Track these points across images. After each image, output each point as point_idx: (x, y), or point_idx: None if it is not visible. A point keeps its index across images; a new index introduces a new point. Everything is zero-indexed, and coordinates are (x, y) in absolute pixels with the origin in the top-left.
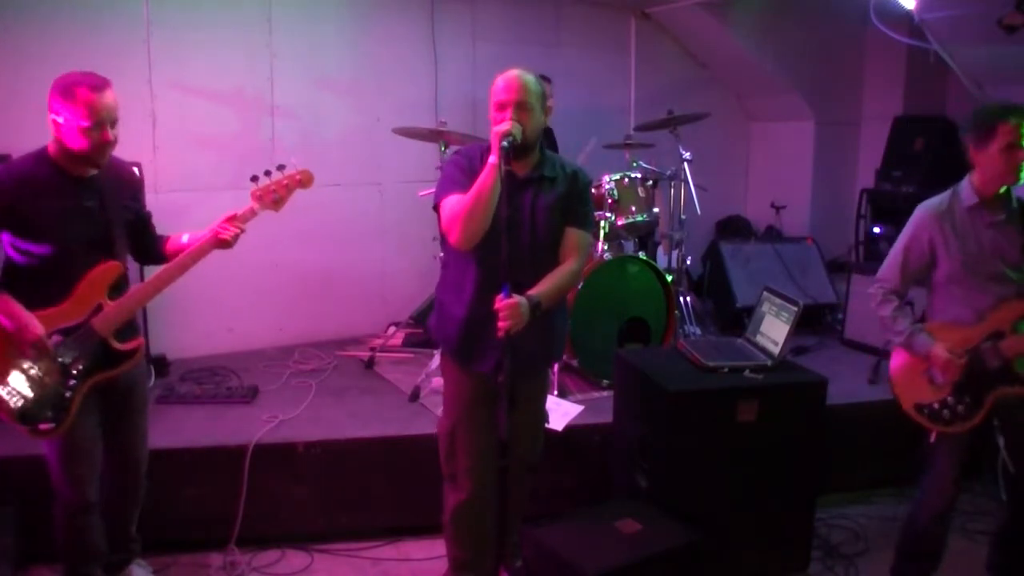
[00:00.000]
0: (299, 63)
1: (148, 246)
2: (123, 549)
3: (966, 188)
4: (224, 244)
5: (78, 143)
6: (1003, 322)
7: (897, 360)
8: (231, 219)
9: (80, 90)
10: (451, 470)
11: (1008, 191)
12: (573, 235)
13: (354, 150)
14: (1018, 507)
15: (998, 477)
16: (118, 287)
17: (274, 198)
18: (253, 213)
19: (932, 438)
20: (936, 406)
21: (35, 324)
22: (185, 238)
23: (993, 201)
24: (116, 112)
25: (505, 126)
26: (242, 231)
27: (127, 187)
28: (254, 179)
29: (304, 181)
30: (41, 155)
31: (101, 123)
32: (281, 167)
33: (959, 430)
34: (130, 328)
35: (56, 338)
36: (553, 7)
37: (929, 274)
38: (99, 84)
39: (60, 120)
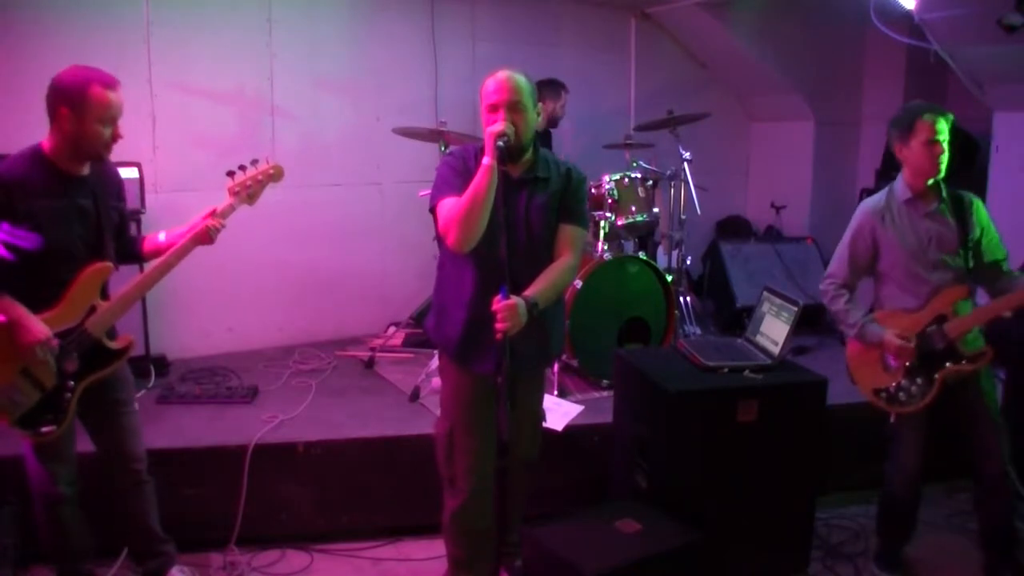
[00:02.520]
0: (299, 63)
1: (125, 246)
2: (155, 553)
3: (900, 184)
4: (207, 240)
5: (91, 141)
6: (945, 306)
7: (853, 350)
8: (211, 215)
9: (95, 88)
10: (450, 473)
11: (937, 184)
12: (567, 231)
13: (354, 150)
14: (979, 484)
15: None
16: (105, 288)
17: (249, 192)
18: (231, 208)
19: (892, 419)
20: (892, 389)
21: (40, 327)
22: (162, 236)
23: (925, 194)
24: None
25: (499, 126)
26: (223, 226)
27: (113, 186)
28: (230, 174)
29: (275, 175)
30: (36, 153)
31: (114, 120)
32: (255, 162)
33: (915, 409)
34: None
35: (55, 341)
36: (553, 7)
37: (874, 266)
38: (112, 82)
39: (71, 117)
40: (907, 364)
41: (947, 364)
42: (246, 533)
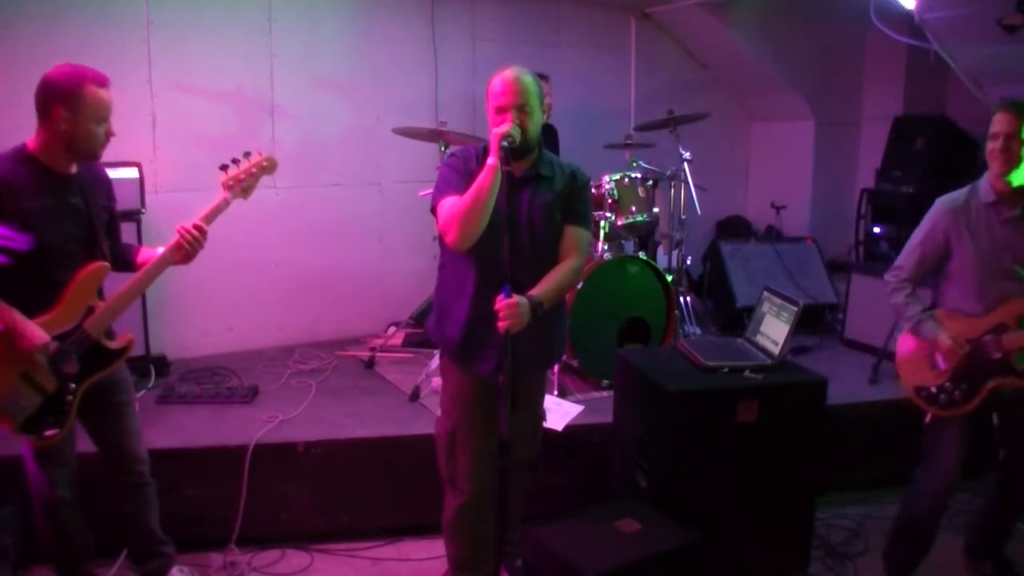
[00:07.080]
0: (299, 63)
1: (118, 251)
2: (154, 555)
3: (984, 185)
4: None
5: (86, 140)
6: (1008, 316)
7: (904, 344)
8: (202, 218)
9: (90, 87)
10: (450, 472)
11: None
12: (573, 233)
13: (354, 150)
14: (1005, 490)
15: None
16: (102, 288)
17: (243, 186)
18: (226, 203)
19: (927, 420)
20: (934, 390)
21: (37, 332)
22: (160, 251)
23: (1010, 198)
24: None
25: (505, 128)
26: (207, 228)
27: (102, 186)
28: (223, 168)
29: (268, 167)
30: (22, 153)
31: (107, 119)
32: (247, 155)
33: (953, 415)
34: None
35: (53, 344)
36: (553, 7)
37: (944, 264)
38: (104, 80)
39: (66, 117)
40: (955, 368)
41: (996, 376)
42: (246, 533)
